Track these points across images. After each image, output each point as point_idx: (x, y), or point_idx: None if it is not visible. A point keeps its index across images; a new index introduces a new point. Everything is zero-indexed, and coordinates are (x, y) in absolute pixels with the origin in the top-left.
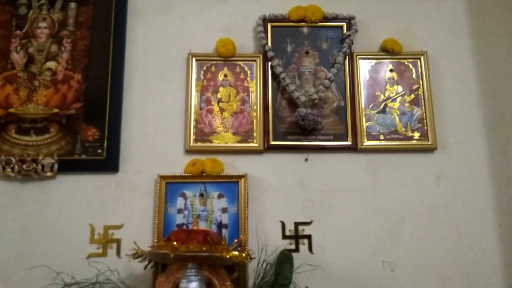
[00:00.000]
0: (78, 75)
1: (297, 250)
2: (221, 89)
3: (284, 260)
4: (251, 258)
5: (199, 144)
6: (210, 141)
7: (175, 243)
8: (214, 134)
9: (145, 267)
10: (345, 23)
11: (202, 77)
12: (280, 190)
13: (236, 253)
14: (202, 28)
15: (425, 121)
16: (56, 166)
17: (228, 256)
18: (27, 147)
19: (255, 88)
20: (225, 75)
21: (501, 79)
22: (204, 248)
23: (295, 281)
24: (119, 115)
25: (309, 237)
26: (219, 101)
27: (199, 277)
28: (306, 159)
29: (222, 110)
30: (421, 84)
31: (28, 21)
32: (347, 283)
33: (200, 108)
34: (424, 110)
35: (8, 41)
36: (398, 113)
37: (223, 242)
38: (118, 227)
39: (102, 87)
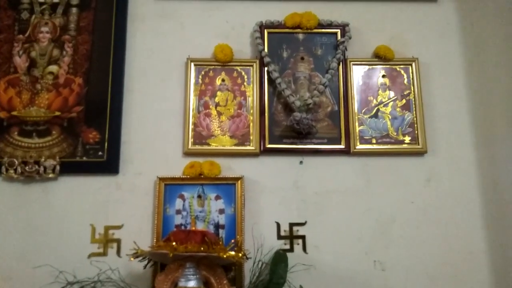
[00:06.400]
0: (79, 79)
1: (291, 250)
2: (218, 93)
3: (279, 260)
4: (247, 258)
5: (197, 146)
6: (208, 144)
7: (174, 243)
8: (212, 137)
9: (145, 267)
10: (339, 30)
11: (200, 81)
12: (276, 192)
13: (232, 253)
14: (201, 34)
15: (415, 125)
16: (58, 168)
17: (225, 256)
18: (30, 149)
19: (251, 93)
20: (223, 80)
21: (490, 85)
22: (202, 248)
23: (290, 280)
24: (119, 118)
25: (303, 237)
26: (217, 105)
27: (197, 276)
28: (301, 162)
29: (219, 113)
30: (412, 89)
31: (30, 25)
32: (340, 281)
33: (198, 112)
34: (415, 115)
35: (11, 45)
36: (390, 117)
37: (220, 243)
38: (118, 227)
39: (102, 90)
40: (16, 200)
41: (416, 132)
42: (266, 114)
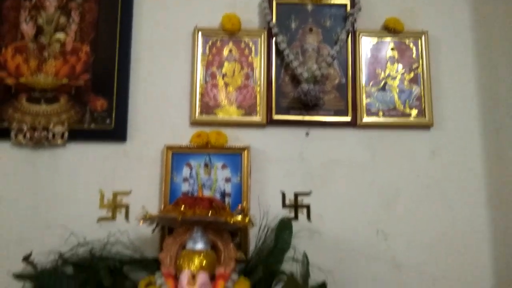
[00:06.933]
0: (86, 47)
1: (296, 218)
2: (226, 64)
3: (284, 227)
4: (253, 224)
5: (204, 116)
6: (215, 114)
7: (182, 208)
8: (219, 107)
9: (153, 231)
10: (349, 1)
11: (207, 51)
12: (281, 163)
13: (239, 218)
14: (208, 3)
15: (423, 99)
16: (66, 134)
17: (232, 221)
18: (38, 115)
19: (259, 64)
20: (230, 50)
21: (498, 59)
22: (209, 213)
23: (294, 245)
24: (126, 87)
25: (308, 206)
26: (224, 75)
27: (205, 239)
28: (307, 134)
29: (226, 84)
30: (420, 63)
31: None
32: (343, 249)
33: (205, 82)
34: (422, 89)
35: (17, 11)
36: (397, 91)
37: (227, 208)
38: (127, 193)
39: (109, 59)
40: (26, 166)
41: (423, 105)
42: (273, 86)
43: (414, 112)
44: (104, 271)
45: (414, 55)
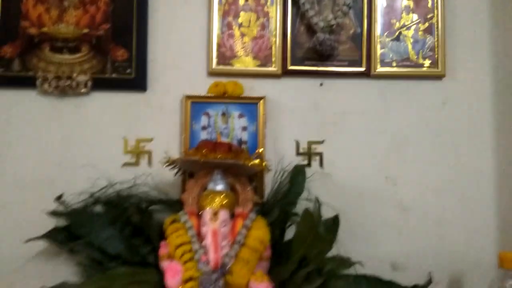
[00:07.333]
0: None
1: (309, 165)
2: (242, 13)
3: (298, 172)
4: (269, 169)
5: (221, 67)
6: (231, 65)
7: (204, 151)
8: (235, 58)
9: (176, 174)
10: None
11: (224, 1)
12: (296, 112)
13: (257, 161)
14: None
15: (436, 49)
16: (90, 83)
17: (250, 164)
18: (61, 65)
19: (274, 14)
20: (246, 0)
21: None
22: (229, 156)
23: (307, 188)
24: (145, 37)
25: (320, 154)
26: (240, 25)
27: (225, 181)
28: (321, 84)
29: (242, 34)
30: (435, 13)
31: None
32: (353, 193)
33: (222, 32)
34: (436, 39)
35: None
36: (412, 41)
37: (245, 153)
38: (149, 140)
39: (128, 9)
40: (51, 113)
41: (436, 56)
42: (289, 36)
43: (427, 62)
44: (132, 209)
45: (429, 5)
